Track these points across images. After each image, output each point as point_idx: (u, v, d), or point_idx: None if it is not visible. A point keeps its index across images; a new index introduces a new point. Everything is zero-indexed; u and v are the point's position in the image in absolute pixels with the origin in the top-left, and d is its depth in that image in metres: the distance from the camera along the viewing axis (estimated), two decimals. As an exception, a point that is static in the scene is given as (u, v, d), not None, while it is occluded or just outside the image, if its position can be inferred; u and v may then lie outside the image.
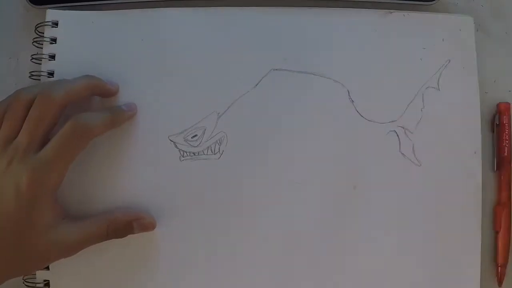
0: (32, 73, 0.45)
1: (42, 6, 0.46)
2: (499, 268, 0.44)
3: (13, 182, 0.37)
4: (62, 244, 0.39)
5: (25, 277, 0.43)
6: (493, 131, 0.45)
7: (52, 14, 0.45)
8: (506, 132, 0.45)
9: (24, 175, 0.37)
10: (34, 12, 0.46)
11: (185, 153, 0.44)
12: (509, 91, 0.47)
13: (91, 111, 0.42)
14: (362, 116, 0.44)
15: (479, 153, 0.44)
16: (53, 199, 0.39)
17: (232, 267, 0.43)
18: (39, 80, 0.45)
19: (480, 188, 0.44)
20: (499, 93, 0.47)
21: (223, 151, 0.44)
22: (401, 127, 0.44)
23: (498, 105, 0.45)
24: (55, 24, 0.45)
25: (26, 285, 0.42)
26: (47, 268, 0.42)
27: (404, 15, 0.46)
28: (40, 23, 0.45)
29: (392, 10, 0.46)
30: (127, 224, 0.41)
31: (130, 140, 0.43)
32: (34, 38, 0.45)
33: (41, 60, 0.45)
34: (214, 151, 0.44)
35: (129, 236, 0.42)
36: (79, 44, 0.45)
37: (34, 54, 0.45)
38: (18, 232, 0.38)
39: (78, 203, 0.43)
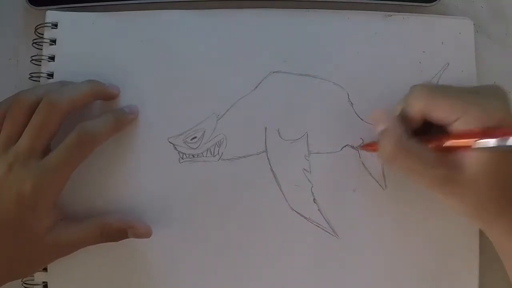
0: (32, 74, 0.45)
1: (42, 7, 0.46)
2: None
3: (14, 188, 0.37)
4: (58, 245, 0.40)
5: (24, 279, 0.42)
6: None
7: (51, 15, 0.45)
8: None
9: (27, 182, 0.37)
10: (34, 13, 0.46)
11: (184, 155, 0.44)
12: (509, 92, 0.47)
13: (93, 115, 0.42)
14: (361, 119, 0.44)
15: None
16: (53, 204, 0.39)
17: (231, 268, 0.43)
18: (39, 81, 0.45)
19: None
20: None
21: (222, 153, 0.44)
22: (400, 129, 0.44)
23: None
24: (55, 25, 0.45)
25: (25, 287, 0.42)
26: (45, 270, 0.42)
27: (403, 17, 0.46)
28: (40, 24, 0.45)
29: (391, 13, 0.46)
30: (121, 231, 0.41)
31: (129, 142, 0.43)
32: (34, 40, 0.45)
33: (40, 62, 0.45)
34: (214, 153, 0.44)
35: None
36: (79, 46, 0.45)
37: (33, 56, 0.45)
38: (16, 236, 0.38)
39: (77, 204, 0.43)
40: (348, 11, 0.46)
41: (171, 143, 0.44)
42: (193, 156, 0.44)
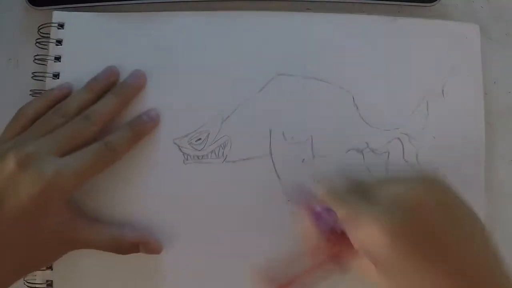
0: (35, 74, 0.44)
1: (42, 7, 0.46)
2: None
3: (27, 184, 0.37)
4: (71, 241, 0.40)
5: (26, 277, 0.42)
6: None
7: (58, 15, 0.45)
8: None
9: (39, 179, 0.37)
10: (34, 13, 0.46)
11: (189, 156, 0.44)
12: (509, 92, 0.48)
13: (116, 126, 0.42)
14: (366, 123, 0.44)
15: (483, 160, 0.45)
16: (66, 201, 0.39)
17: (233, 269, 0.43)
18: (44, 81, 0.44)
19: (484, 194, 0.44)
20: (499, 95, 0.47)
21: (226, 155, 0.44)
22: (405, 134, 0.44)
23: None
24: (61, 25, 0.45)
25: (28, 287, 0.42)
26: (51, 268, 0.42)
27: (410, 22, 0.46)
28: (45, 24, 0.45)
29: (398, 17, 0.46)
30: (133, 245, 0.41)
31: (134, 142, 0.43)
32: (37, 39, 0.45)
33: (43, 61, 0.45)
34: (218, 155, 0.44)
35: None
36: (85, 46, 0.45)
37: (37, 55, 0.45)
38: (29, 232, 0.38)
39: (85, 202, 0.43)
40: (354, 15, 0.46)
41: (176, 144, 0.44)
42: (198, 158, 0.44)
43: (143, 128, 0.43)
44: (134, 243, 0.41)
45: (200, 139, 0.44)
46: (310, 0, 0.47)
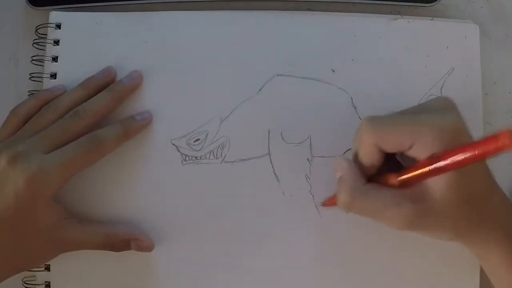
0: (33, 75, 0.44)
1: (42, 8, 0.46)
2: None
3: (14, 179, 0.37)
4: (59, 242, 0.40)
5: (24, 279, 0.42)
6: None
7: (55, 15, 0.45)
8: None
9: (24, 173, 0.37)
10: (34, 13, 0.46)
11: (187, 157, 0.43)
12: (509, 92, 0.47)
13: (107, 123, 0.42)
14: (365, 123, 0.44)
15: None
16: (53, 200, 0.39)
17: (232, 270, 0.43)
18: (41, 82, 0.45)
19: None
20: (499, 95, 0.47)
21: (225, 155, 0.44)
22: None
23: None
24: (58, 26, 0.45)
25: (26, 287, 0.42)
26: (48, 269, 0.42)
27: (408, 21, 0.46)
28: (42, 24, 0.45)
29: (396, 17, 0.46)
30: (125, 242, 0.41)
31: (132, 143, 0.43)
32: (35, 40, 0.45)
33: (41, 62, 0.45)
34: (216, 155, 0.44)
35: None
36: (82, 46, 0.45)
37: (34, 56, 0.45)
38: (16, 229, 0.38)
39: (80, 204, 0.43)
40: (353, 15, 0.46)
41: (174, 145, 0.44)
42: (196, 158, 0.44)
43: (134, 126, 0.43)
44: (125, 239, 0.41)
45: (198, 139, 0.44)
46: (310, 0, 0.47)
